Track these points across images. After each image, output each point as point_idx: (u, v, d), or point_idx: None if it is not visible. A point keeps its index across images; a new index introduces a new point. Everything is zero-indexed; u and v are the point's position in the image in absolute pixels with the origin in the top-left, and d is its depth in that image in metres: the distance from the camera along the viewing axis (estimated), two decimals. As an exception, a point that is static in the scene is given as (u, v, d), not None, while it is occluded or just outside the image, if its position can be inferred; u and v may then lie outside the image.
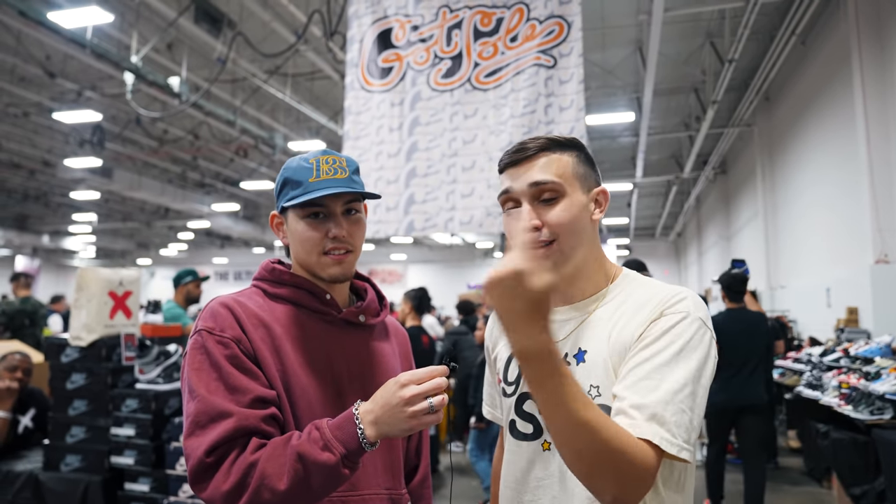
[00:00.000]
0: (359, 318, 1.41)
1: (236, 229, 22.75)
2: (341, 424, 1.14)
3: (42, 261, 27.61)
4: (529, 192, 1.22)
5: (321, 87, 11.97)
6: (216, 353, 1.22)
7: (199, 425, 1.17)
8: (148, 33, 9.32)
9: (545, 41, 4.48)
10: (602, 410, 1.07)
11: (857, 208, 7.14)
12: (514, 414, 1.33)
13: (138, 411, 3.42)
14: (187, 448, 1.17)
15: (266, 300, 1.36)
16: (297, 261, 1.39)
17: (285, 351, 1.29)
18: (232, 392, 1.19)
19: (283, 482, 1.10)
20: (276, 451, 1.13)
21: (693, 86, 11.58)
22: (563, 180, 1.22)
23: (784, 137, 10.53)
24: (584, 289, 1.29)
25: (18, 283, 6.99)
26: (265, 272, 1.41)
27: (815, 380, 5.90)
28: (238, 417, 1.16)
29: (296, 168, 1.35)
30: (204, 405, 1.18)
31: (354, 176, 1.37)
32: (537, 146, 1.24)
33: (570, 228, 1.21)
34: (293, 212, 1.35)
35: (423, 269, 28.13)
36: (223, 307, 1.28)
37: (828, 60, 8.17)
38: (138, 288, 3.82)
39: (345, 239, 1.34)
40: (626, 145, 14.68)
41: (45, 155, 15.48)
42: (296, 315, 1.35)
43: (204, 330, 1.25)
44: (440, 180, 4.59)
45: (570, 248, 1.22)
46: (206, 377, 1.20)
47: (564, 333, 1.28)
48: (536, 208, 1.22)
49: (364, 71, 4.97)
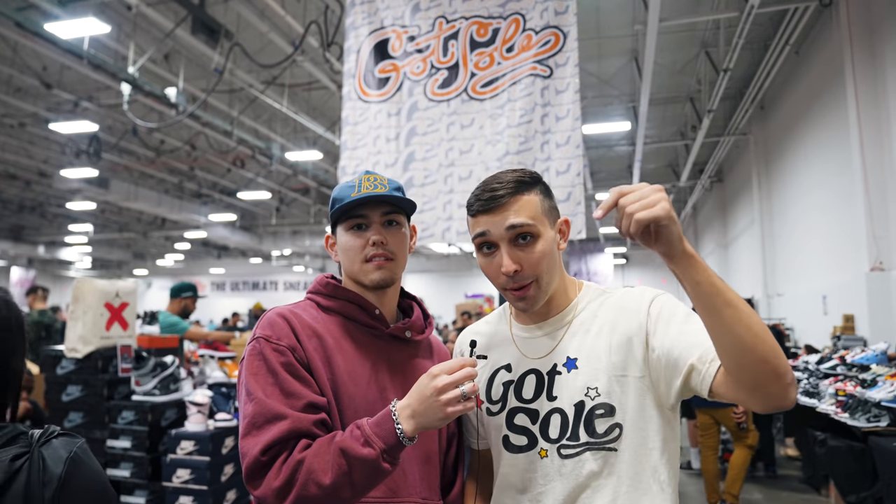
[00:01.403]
0: (405, 333, 1.48)
1: (233, 239, 22.71)
2: (380, 421, 1.21)
3: (38, 272, 27.54)
4: (507, 235, 1.32)
5: (318, 97, 12.00)
6: (273, 360, 1.30)
7: (255, 426, 1.24)
8: (145, 44, 9.34)
9: (541, 51, 4.50)
10: (605, 408, 1.29)
11: (852, 216, 7.17)
12: (506, 430, 1.40)
13: (134, 423, 3.39)
14: (243, 447, 1.25)
15: (319, 312, 1.45)
16: (346, 273, 1.49)
17: (336, 361, 1.37)
18: (287, 396, 1.27)
19: (328, 476, 1.17)
20: (321, 449, 1.21)
21: (688, 95, 11.64)
22: (536, 221, 1.33)
23: (779, 146, 10.58)
24: (555, 306, 1.42)
25: (35, 296, 7.00)
26: (320, 286, 1.50)
27: (812, 387, 5.90)
28: (292, 420, 1.23)
29: (341, 188, 1.48)
30: (261, 407, 1.25)
31: (395, 192, 1.46)
32: (507, 192, 1.33)
33: (545, 267, 1.33)
34: (340, 227, 1.47)
35: (421, 278, 28.09)
36: (280, 317, 1.37)
37: (821, 69, 8.23)
38: (135, 299, 3.81)
39: (384, 245, 1.43)
40: (622, 154, 14.73)
41: (41, 165, 15.47)
42: (346, 327, 1.44)
43: (262, 337, 1.33)
44: (437, 190, 4.60)
45: (547, 283, 1.35)
46: (262, 381, 1.28)
47: (548, 348, 1.39)
48: (513, 250, 1.32)
49: (361, 81, 4.98)
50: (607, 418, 1.29)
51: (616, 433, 1.29)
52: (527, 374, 1.40)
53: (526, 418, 1.37)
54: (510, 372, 1.43)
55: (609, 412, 1.29)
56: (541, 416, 1.36)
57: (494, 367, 1.46)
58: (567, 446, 1.31)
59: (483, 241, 1.34)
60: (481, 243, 1.35)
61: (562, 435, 1.32)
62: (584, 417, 1.30)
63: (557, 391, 1.34)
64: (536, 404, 1.37)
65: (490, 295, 16.85)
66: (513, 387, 1.41)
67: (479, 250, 1.37)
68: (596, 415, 1.30)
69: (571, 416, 1.32)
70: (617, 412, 1.29)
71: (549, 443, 1.33)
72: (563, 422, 1.33)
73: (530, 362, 1.40)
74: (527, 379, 1.40)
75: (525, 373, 1.40)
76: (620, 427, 1.29)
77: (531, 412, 1.37)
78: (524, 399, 1.39)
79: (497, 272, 1.33)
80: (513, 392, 1.41)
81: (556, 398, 1.34)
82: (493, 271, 1.34)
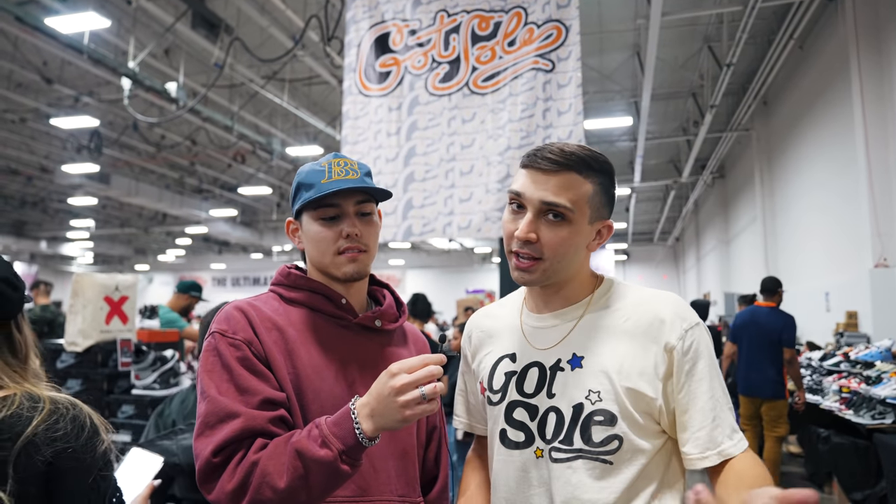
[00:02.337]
0: (374, 322, 1.40)
1: (234, 235, 22.71)
2: (339, 420, 1.14)
3: (40, 267, 27.57)
4: (538, 206, 1.22)
5: (319, 92, 11.96)
6: (227, 355, 1.23)
7: (208, 426, 1.18)
8: (145, 39, 9.30)
9: (543, 45, 4.46)
10: (604, 416, 1.20)
11: (855, 212, 7.13)
12: (503, 423, 1.32)
13: (134, 417, 3.38)
14: (196, 448, 1.18)
15: (282, 304, 1.37)
16: (313, 263, 1.41)
17: (298, 354, 1.29)
18: (242, 393, 1.20)
19: (283, 480, 1.10)
20: (276, 450, 1.14)
21: (691, 90, 11.59)
22: (575, 208, 1.22)
23: (782, 142, 10.53)
24: (569, 297, 1.32)
25: (38, 290, 6.99)
26: (281, 277, 1.42)
27: (816, 384, 5.88)
28: (246, 418, 1.16)
29: (308, 172, 1.38)
30: (213, 406, 1.19)
31: (366, 178, 1.39)
32: (566, 162, 1.22)
33: (561, 254, 1.24)
34: (307, 214, 1.38)
35: (422, 274, 28.08)
36: (237, 310, 1.30)
37: (826, 64, 8.17)
38: (135, 293, 3.79)
39: (358, 238, 1.35)
40: (623, 150, 14.68)
41: (42, 161, 15.46)
42: (311, 319, 1.36)
43: (217, 332, 1.27)
44: (438, 185, 4.57)
45: (555, 270, 1.26)
46: (217, 378, 1.22)
47: (555, 340, 1.30)
48: (538, 222, 1.23)
49: (362, 75, 4.95)
50: (606, 427, 1.19)
51: (615, 445, 1.19)
52: (530, 367, 1.31)
53: (525, 413, 1.29)
54: (514, 362, 1.34)
55: (609, 420, 1.20)
56: (540, 412, 1.27)
57: (499, 354, 1.38)
58: (559, 449, 1.23)
59: (515, 199, 1.26)
60: (513, 198, 1.27)
61: (555, 436, 1.24)
62: (581, 422, 1.21)
63: (557, 388, 1.26)
64: (536, 400, 1.28)
65: (491, 290, 16.83)
66: (515, 378, 1.33)
67: (509, 203, 1.29)
68: (594, 421, 1.20)
69: (568, 417, 1.23)
70: (618, 422, 1.19)
71: (545, 443, 1.25)
72: (558, 422, 1.24)
73: (535, 354, 1.31)
74: (530, 371, 1.31)
75: (528, 365, 1.31)
76: (620, 440, 1.19)
77: (531, 408, 1.29)
78: (525, 393, 1.30)
79: (512, 233, 1.24)
80: (514, 384, 1.32)
81: (555, 396, 1.26)
82: (510, 232, 1.26)
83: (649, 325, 1.23)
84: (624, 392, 1.19)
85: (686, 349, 1.20)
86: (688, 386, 1.19)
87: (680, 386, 1.19)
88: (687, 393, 1.19)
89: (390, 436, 1.33)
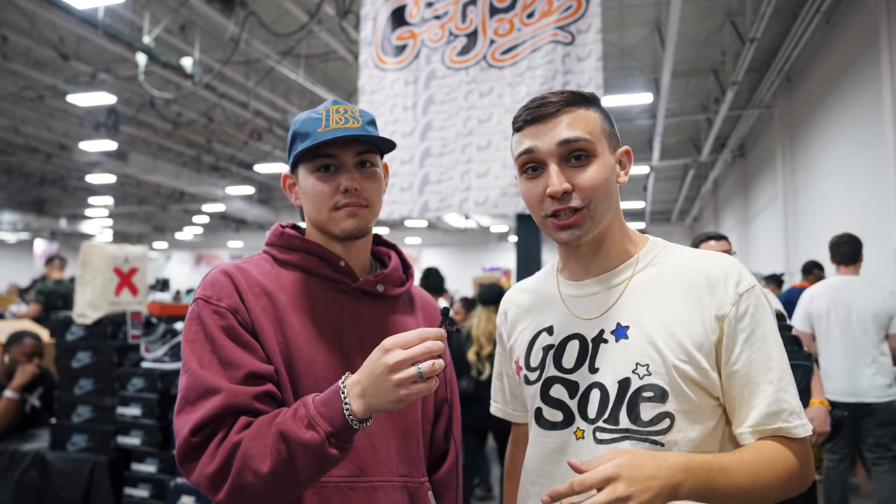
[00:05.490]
0: (377, 287, 1.28)
1: (251, 213, 22.79)
2: (327, 400, 1.02)
3: (60, 244, 27.86)
4: (558, 151, 1.11)
5: (335, 68, 11.87)
6: (211, 324, 1.13)
7: (187, 401, 1.08)
8: (160, 14, 9.26)
9: (563, 17, 4.36)
10: (654, 391, 1.08)
11: (881, 193, 6.97)
12: (539, 401, 1.21)
13: (144, 391, 3.38)
14: (175, 426, 1.09)
15: (274, 267, 1.26)
16: (310, 221, 1.28)
17: (289, 322, 1.18)
18: (224, 367, 1.09)
19: (266, 464, 1.00)
20: (260, 431, 1.03)
21: (712, 67, 11.36)
22: (594, 138, 1.12)
23: (806, 120, 10.31)
24: (610, 258, 1.20)
25: (52, 265, 7.04)
26: (274, 237, 1.30)
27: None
28: (227, 394, 1.06)
29: (304, 120, 1.25)
30: (194, 380, 1.09)
31: (369, 126, 1.25)
32: (562, 100, 1.12)
33: (603, 192, 1.12)
34: (303, 167, 1.25)
35: (438, 252, 28.05)
36: (223, 274, 1.19)
37: (854, 39, 7.95)
38: (144, 265, 3.76)
39: (358, 192, 1.22)
40: (642, 128, 14.47)
41: (60, 139, 15.53)
42: (305, 283, 1.24)
43: (201, 298, 1.16)
44: (455, 160, 4.51)
45: (600, 214, 1.13)
46: (199, 349, 1.12)
47: (599, 309, 1.17)
48: (565, 170, 1.11)
49: (378, 49, 4.88)
50: (656, 404, 1.07)
51: (666, 424, 1.07)
52: (569, 339, 1.19)
53: (563, 390, 1.16)
54: (552, 335, 1.22)
55: (660, 397, 1.07)
56: (580, 389, 1.14)
57: (537, 329, 1.26)
58: (604, 429, 1.10)
59: (528, 160, 1.13)
60: (526, 162, 1.14)
61: (599, 415, 1.11)
62: (629, 399, 1.09)
63: (600, 363, 1.13)
64: (577, 375, 1.16)
65: (507, 268, 16.75)
66: (552, 352, 1.20)
67: (522, 173, 1.16)
68: (643, 398, 1.07)
69: (613, 394, 1.10)
70: (669, 399, 1.07)
71: (587, 422, 1.13)
72: (602, 399, 1.11)
73: (576, 324, 1.19)
74: (569, 344, 1.18)
75: (567, 337, 1.19)
76: (672, 417, 1.07)
77: (570, 384, 1.16)
78: (564, 368, 1.18)
79: (541, 197, 1.12)
80: (552, 358, 1.20)
81: (598, 370, 1.13)
82: (537, 196, 1.13)
83: (701, 289, 1.11)
84: (675, 365, 1.07)
85: (741, 315, 1.08)
86: (745, 356, 1.08)
87: (735, 357, 1.08)
88: (744, 364, 1.08)
89: (391, 412, 1.19)
